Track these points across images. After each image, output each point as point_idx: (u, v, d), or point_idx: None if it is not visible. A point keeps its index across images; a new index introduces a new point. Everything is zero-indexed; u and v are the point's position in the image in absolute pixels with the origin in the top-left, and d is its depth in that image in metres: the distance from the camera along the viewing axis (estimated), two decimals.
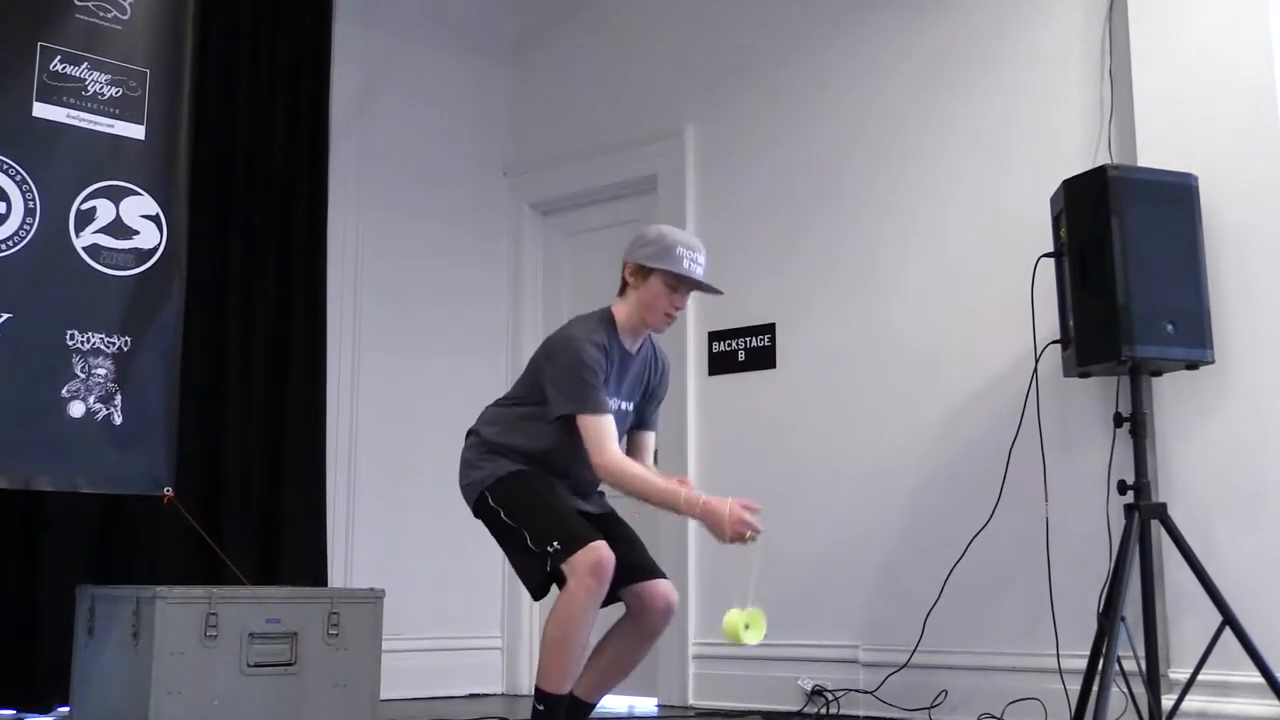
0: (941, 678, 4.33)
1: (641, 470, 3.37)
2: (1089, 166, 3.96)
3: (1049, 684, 3.99)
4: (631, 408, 3.50)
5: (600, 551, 3.16)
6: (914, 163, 4.74)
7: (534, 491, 3.32)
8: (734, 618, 3.20)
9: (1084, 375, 3.93)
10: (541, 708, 3.30)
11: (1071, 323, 3.84)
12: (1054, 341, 4.02)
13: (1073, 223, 3.83)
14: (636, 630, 3.42)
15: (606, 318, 3.47)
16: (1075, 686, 3.74)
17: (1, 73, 3.84)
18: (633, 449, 3.56)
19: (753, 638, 3.22)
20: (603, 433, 3.27)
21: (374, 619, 4.28)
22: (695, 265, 3.41)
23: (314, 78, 5.39)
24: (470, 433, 3.53)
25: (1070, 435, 4.18)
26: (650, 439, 3.62)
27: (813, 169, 5.02)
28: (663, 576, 3.40)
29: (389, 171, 5.60)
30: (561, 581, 3.24)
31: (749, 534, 3.22)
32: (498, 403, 3.56)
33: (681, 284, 3.41)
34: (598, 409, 3.28)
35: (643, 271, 3.42)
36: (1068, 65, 4.39)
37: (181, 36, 4.27)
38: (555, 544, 3.19)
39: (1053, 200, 3.98)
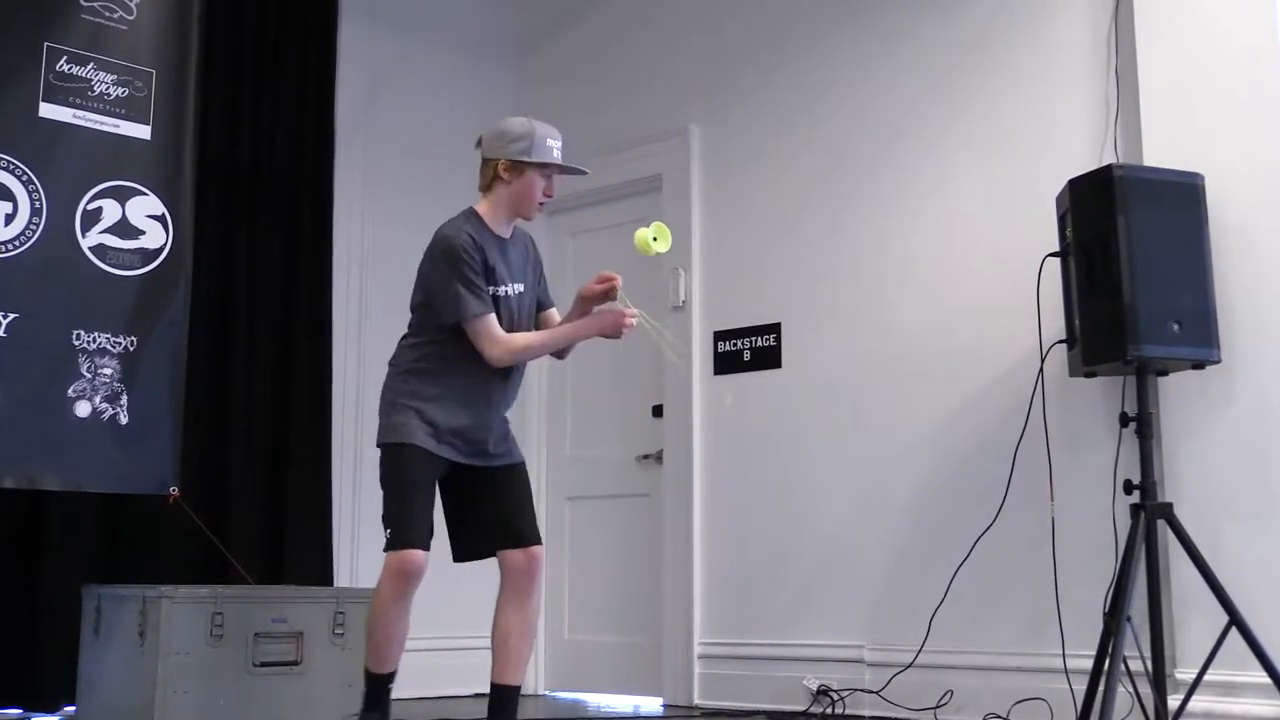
0: (947, 678, 4.33)
1: (530, 335, 3.56)
2: (1095, 166, 3.95)
3: (1054, 684, 3.98)
4: (524, 288, 3.61)
5: (410, 560, 3.38)
6: (920, 162, 4.74)
7: (404, 472, 3.43)
8: (642, 232, 3.51)
9: (1090, 375, 3.93)
10: (366, 682, 3.58)
11: (1077, 322, 3.84)
12: (1060, 341, 4.02)
13: (1078, 222, 3.82)
14: (507, 591, 3.62)
15: (471, 214, 3.57)
16: (1081, 686, 3.73)
17: (8, 73, 3.85)
18: (545, 327, 3.71)
19: (661, 246, 3.54)
20: (488, 332, 3.43)
21: None
22: (559, 153, 3.57)
23: (319, 78, 5.39)
24: (390, 363, 3.61)
25: (1076, 435, 4.18)
26: (555, 314, 3.76)
27: (818, 168, 5.01)
28: (532, 544, 3.58)
29: (394, 170, 5.60)
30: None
31: (628, 319, 3.51)
32: (404, 337, 3.63)
33: (550, 171, 3.57)
34: (479, 312, 3.42)
35: (517, 167, 3.52)
36: (1073, 64, 4.39)
37: (187, 37, 4.28)
38: (389, 531, 3.41)
39: (1058, 199, 3.97)
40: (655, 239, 3.51)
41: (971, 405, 4.48)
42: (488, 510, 3.57)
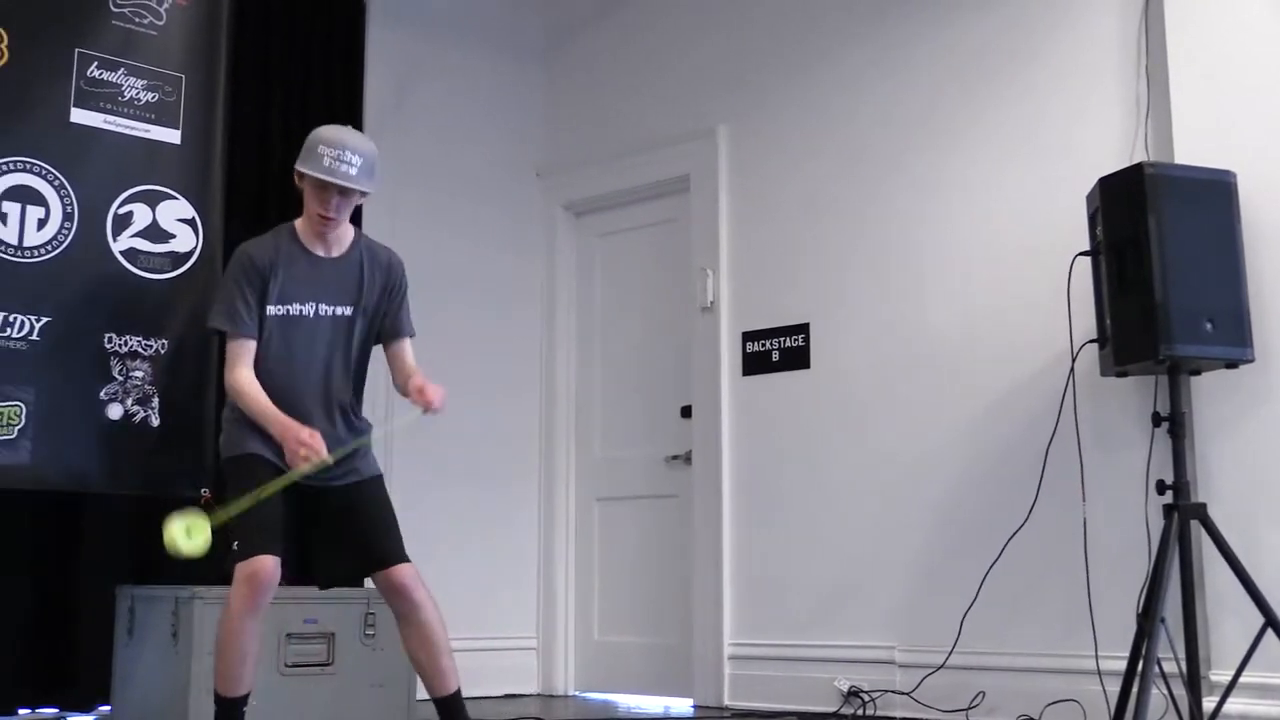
0: (979, 679, 4.31)
1: (255, 391, 3.30)
2: (1125, 164, 3.92)
3: (1088, 685, 3.96)
4: (350, 311, 3.44)
5: (259, 566, 3.17)
6: (948, 162, 4.71)
7: (244, 481, 3.27)
8: (172, 525, 3.12)
9: (1121, 374, 3.90)
10: (216, 709, 3.32)
11: (1108, 322, 3.81)
12: (1091, 340, 3.99)
13: (1109, 221, 3.79)
14: (396, 615, 3.44)
15: (287, 227, 3.45)
16: (1114, 688, 3.70)
17: (40, 80, 3.88)
18: (393, 362, 3.55)
19: (193, 547, 3.14)
20: (231, 350, 3.32)
21: None
22: (340, 164, 3.31)
23: (346, 81, 5.41)
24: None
25: (1108, 435, 4.15)
26: (406, 345, 3.56)
27: (846, 168, 5.00)
28: (398, 563, 3.36)
29: (421, 173, 5.62)
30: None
31: (305, 453, 3.21)
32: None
33: (328, 185, 3.33)
34: (227, 328, 3.32)
35: (300, 176, 3.40)
36: (1103, 62, 4.36)
37: (215, 41, 4.31)
38: (236, 544, 3.26)
39: (1089, 198, 3.95)
40: (189, 533, 3.14)
41: (1002, 405, 4.46)
42: (345, 533, 3.41)
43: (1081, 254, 3.95)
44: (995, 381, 4.48)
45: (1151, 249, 3.64)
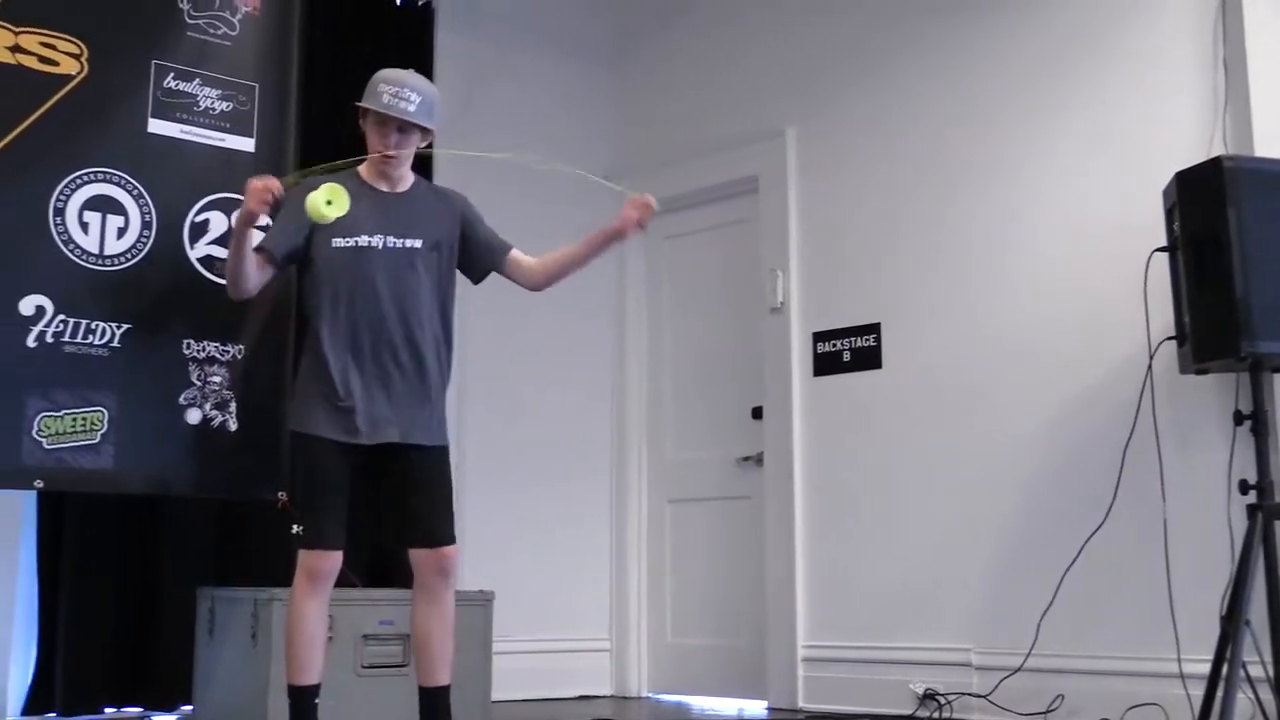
0: (1057, 681, 4.25)
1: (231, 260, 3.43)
2: (1203, 158, 3.85)
3: (1170, 689, 3.89)
4: (420, 244, 3.49)
5: (321, 562, 3.29)
6: (1022, 159, 4.66)
7: (312, 467, 3.36)
8: (313, 196, 3.26)
9: (1201, 372, 3.83)
10: (289, 699, 3.39)
11: (1187, 318, 3.74)
12: (1169, 338, 3.92)
13: (1187, 216, 3.73)
14: (419, 592, 3.47)
15: (352, 169, 3.52)
16: (1198, 692, 3.64)
17: (119, 92, 3.95)
18: (518, 272, 3.71)
19: (335, 210, 3.28)
20: None
21: (484, 621, 4.34)
22: (399, 100, 3.40)
23: None
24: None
25: (1188, 434, 4.07)
26: (517, 256, 3.72)
27: (917, 165, 4.96)
28: (449, 543, 3.44)
29: (491, 179, 5.64)
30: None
31: (266, 195, 3.30)
32: None
33: (388, 120, 3.41)
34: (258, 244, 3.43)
35: (363, 114, 3.48)
36: (1180, 54, 4.28)
37: (287, 50, 4.35)
38: (299, 529, 3.32)
39: (1165, 193, 3.88)
40: (329, 202, 3.27)
41: (1078, 404, 4.39)
42: (401, 501, 3.45)
43: (1158, 250, 3.89)
44: (1071, 380, 4.42)
45: (1231, 243, 3.58)
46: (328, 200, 3.25)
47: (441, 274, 3.55)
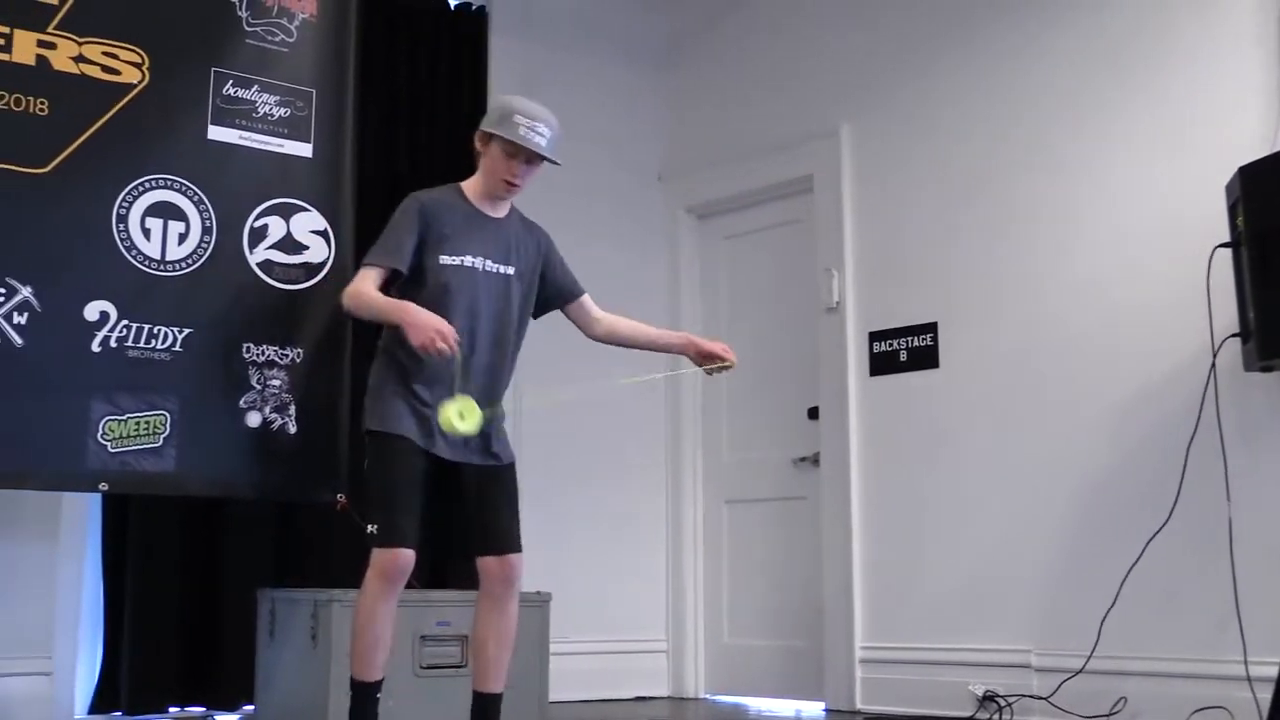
0: (1120, 684, 4.19)
1: (370, 291, 3.37)
2: (1266, 152, 3.79)
3: (1237, 692, 3.83)
4: (512, 272, 3.52)
5: (397, 559, 3.27)
6: (1081, 154, 4.60)
7: (391, 466, 3.35)
8: (446, 409, 3.25)
9: (1266, 369, 3.77)
10: (351, 693, 3.39)
11: (1252, 315, 3.68)
12: (1233, 335, 3.86)
13: (1251, 211, 3.67)
14: (484, 599, 3.47)
15: (453, 185, 3.54)
16: (1265, 695, 3.58)
17: (180, 99, 4.00)
18: (582, 318, 3.74)
19: (468, 426, 3.27)
20: (365, 275, 3.39)
21: (541, 622, 4.35)
22: (533, 134, 3.42)
23: (472, 88, 5.49)
24: (379, 346, 3.52)
25: (1253, 432, 4.01)
26: (586, 302, 3.75)
27: (974, 163, 4.91)
28: (512, 551, 3.43)
29: (545, 179, 5.63)
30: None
31: (440, 345, 3.24)
32: None
33: (518, 152, 3.44)
34: (378, 257, 3.39)
35: (486, 139, 3.48)
36: (1241, 49, 4.22)
37: (344, 55, 4.39)
38: (374, 528, 3.30)
39: (1228, 188, 3.82)
40: (462, 415, 3.26)
41: (1139, 403, 4.33)
42: (473, 510, 3.46)
43: (1221, 245, 3.83)
44: (1132, 378, 4.36)
45: None
46: (460, 413, 3.26)
47: (524, 304, 3.59)
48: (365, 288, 3.38)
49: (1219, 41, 4.29)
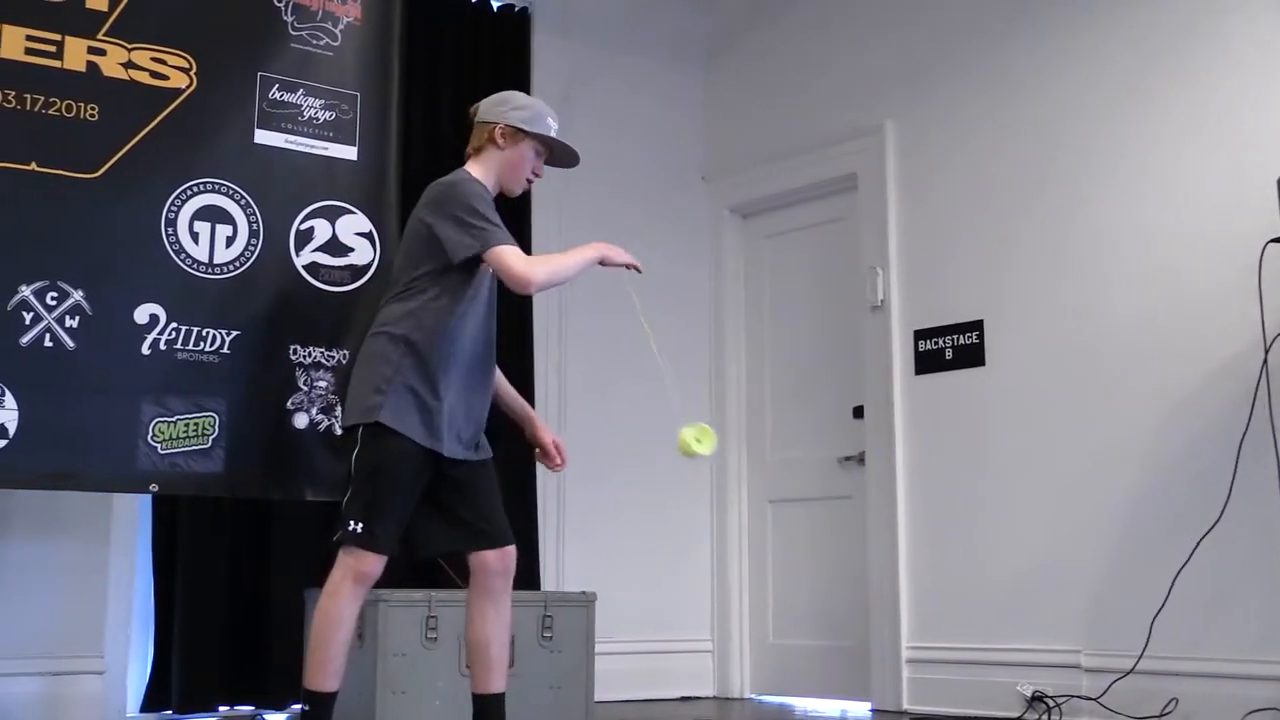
0: (1171, 685, 4.15)
1: (548, 257, 3.40)
2: None
3: None
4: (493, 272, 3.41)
5: (375, 566, 3.18)
6: (1130, 151, 4.56)
7: (391, 467, 3.18)
8: (684, 434, 3.25)
9: None
10: (306, 707, 3.19)
11: None
12: None
13: None
14: (480, 596, 3.30)
15: (473, 176, 3.40)
16: None
17: (226, 104, 4.03)
18: None
19: (704, 449, 3.25)
20: (516, 255, 3.20)
21: (587, 622, 4.36)
22: (557, 134, 3.48)
23: (515, 89, 5.48)
24: (378, 334, 3.32)
25: None
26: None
27: (1021, 159, 4.87)
28: (510, 543, 3.33)
29: (587, 178, 5.64)
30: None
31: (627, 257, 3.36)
32: (396, 297, 3.34)
33: (544, 152, 3.47)
34: (504, 238, 3.21)
35: (516, 135, 3.42)
36: None
37: (388, 58, 4.41)
38: (357, 526, 3.16)
39: (1279, 183, 3.78)
40: (699, 440, 3.25)
41: (1190, 400, 4.28)
42: (462, 507, 3.31)
43: (1273, 241, 3.78)
44: (1183, 375, 4.31)
45: None
46: (697, 438, 3.24)
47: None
48: (538, 258, 3.37)
49: (1272, 33, 4.23)
